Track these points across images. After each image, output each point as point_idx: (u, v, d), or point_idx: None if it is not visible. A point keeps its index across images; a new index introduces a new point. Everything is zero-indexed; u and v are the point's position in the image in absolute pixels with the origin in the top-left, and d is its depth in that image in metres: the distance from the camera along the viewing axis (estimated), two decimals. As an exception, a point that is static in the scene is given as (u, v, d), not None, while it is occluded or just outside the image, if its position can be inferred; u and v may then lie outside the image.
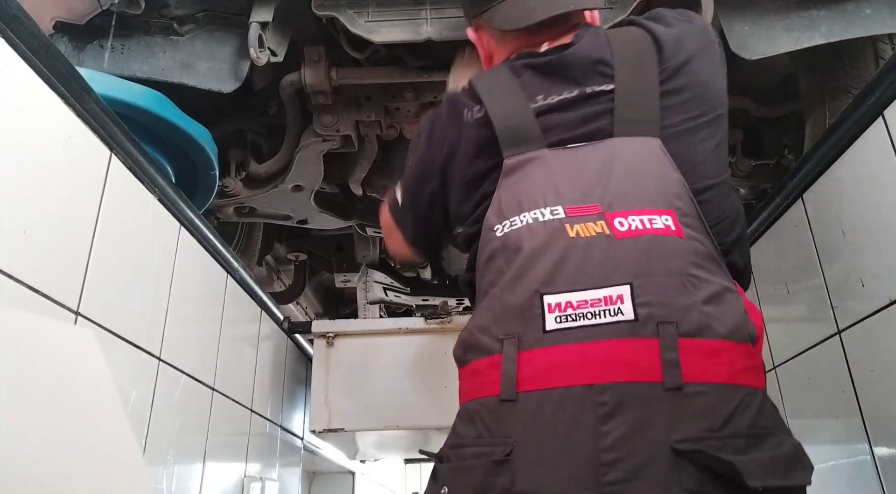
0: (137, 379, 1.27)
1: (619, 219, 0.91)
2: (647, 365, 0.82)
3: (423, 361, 2.25)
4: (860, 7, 1.51)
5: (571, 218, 0.92)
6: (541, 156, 0.99)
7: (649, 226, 0.90)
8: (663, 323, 0.83)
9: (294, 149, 1.92)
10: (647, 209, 0.92)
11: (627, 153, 0.97)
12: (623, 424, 0.80)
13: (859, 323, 1.31)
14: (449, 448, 0.94)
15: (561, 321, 0.86)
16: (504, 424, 0.86)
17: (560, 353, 0.85)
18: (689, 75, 1.03)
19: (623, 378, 0.82)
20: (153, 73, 1.60)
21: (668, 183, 0.94)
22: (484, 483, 0.83)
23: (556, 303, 0.87)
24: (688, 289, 0.87)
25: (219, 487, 1.68)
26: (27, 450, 0.81)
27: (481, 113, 1.05)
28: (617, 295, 0.85)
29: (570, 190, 0.95)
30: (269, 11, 1.54)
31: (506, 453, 0.83)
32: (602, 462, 0.78)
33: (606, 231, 0.90)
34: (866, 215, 1.28)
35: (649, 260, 0.88)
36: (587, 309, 0.86)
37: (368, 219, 2.35)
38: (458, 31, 1.49)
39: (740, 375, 0.84)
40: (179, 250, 1.47)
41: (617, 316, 0.84)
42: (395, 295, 2.82)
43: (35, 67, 0.98)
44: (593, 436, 0.80)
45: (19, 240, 0.93)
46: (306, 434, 2.61)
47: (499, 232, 0.97)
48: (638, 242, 0.89)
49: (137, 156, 1.26)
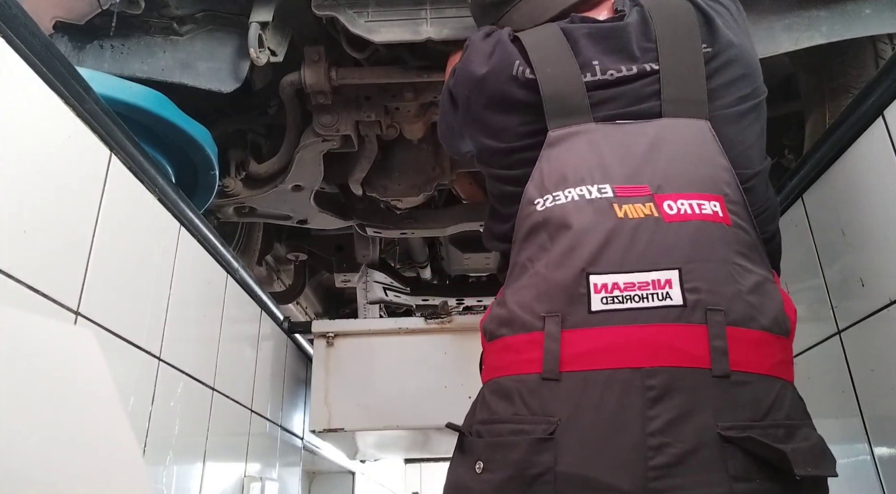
0: (137, 379, 1.27)
1: (669, 202, 0.90)
2: (695, 351, 0.81)
3: (423, 361, 2.24)
4: (860, 7, 1.51)
5: (620, 198, 0.90)
6: (587, 131, 0.96)
7: (698, 211, 0.89)
8: (712, 311, 0.83)
9: (294, 149, 1.92)
10: (696, 194, 0.90)
11: (676, 135, 0.95)
12: (671, 409, 0.79)
13: (859, 323, 1.31)
14: (481, 423, 0.91)
15: (607, 302, 0.85)
16: (546, 403, 0.84)
17: (606, 335, 0.84)
18: (736, 52, 1.00)
19: (672, 363, 0.81)
20: (153, 73, 1.60)
21: (717, 168, 0.93)
22: (525, 461, 0.81)
23: (602, 284, 0.86)
24: (734, 278, 0.86)
25: (219, 487, 1.68)
26: (27, 450, 0.81)
27: (531, 76, 1.01)
28: (665, 279, 0.85)
29: (618, 168, 0.93)
30: (269, 11, 1.54)
31: (549, 432, 0.81)
32: (649, 446, 0.78)
33: (655, 213, 0.89)
34: (866, 215, 1.28)
35: (698, 246, 0.87)
36: (634, 291, 0.85)
37: (368, 218, 2.35)
38: (458, 31, 1.49)
39: (777, 367, 0.85)
40: (179, 250, 1.47)
41: (665, 301, 0.84)
42: (395, 295, 2.82)
43: (35, 67, 0.98)
44: (641, 420, 0.79)
45: (19, 240, 0.93)
46: (306, 434, 2.61)
47: (539, 205, 0.94)
48: (687, 227, 0.88)
49: (137, 156, 1.26)
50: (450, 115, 1.19)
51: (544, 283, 0.90)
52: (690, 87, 0.97)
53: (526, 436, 0.82)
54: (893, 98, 1.18)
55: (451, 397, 2.13)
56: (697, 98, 0.97)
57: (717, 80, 0.98)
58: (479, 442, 0.88)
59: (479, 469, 0.84)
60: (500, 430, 0.87)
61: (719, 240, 0.88)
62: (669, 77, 0.98)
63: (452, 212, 2.36)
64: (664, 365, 0.81)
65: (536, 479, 0.80)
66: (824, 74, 1.76)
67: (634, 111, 0.97)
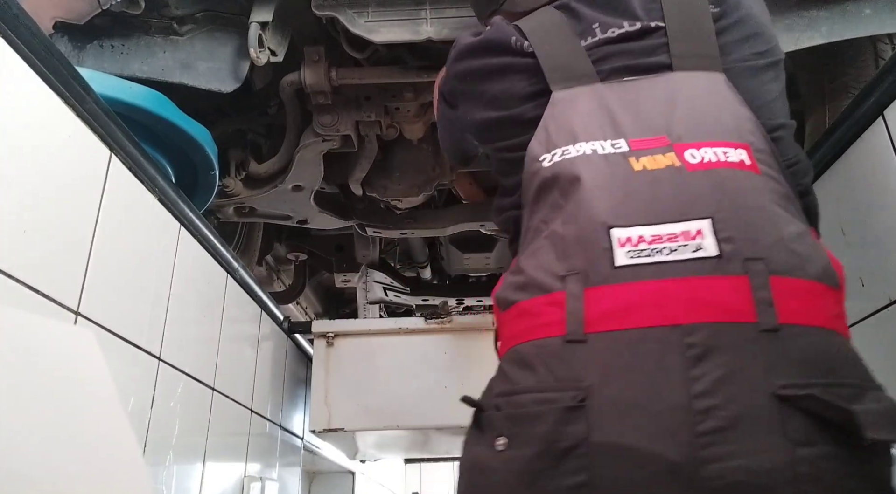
0: (137, 379, 1.27)
1: (691, 150, 0.83)
2: (737, 304, 0.74)
3: (423, 361, 2.24)
4: (860, 7, 1.51)
5: (636, 151, 0.84)
6: (593, 90, 0.91)
7: (724, 158, 0.83)
8: (751, 260, 0.76)
9: (294, 149, 1.92)
10: (720, 141, 0.84)
11: (691, 87, 0.90)
12: (717, 368, 0.71)
13: (859, 323, 1.31)
14: (499, 395, 0.82)
15: (633, 256, 0.78)
16: (573, 368, 0.76)
17: (635, 291, 0.77)
18: (745, 12, 0.97)
19: (712, 318, 0.74)
20: (153, 73, 1.60)
21: (739, 117, 0.87)
22: (554, 433, 0.73)
23: (626, 237, 0.79)
24: (774, 224, 0.80)
25: (219, 487, 1.68)
26: (27, 450, 0.81)
27: (530, 49, 0.98)
28: (696, 229, 0.78)
29: (630, 123, 0.87)
30: (268, 11, 1.54)
31: (579, 399, 0.73)
32: (696, 410, 0.70)
33: (677, 163, 0.82)
34: (866, 215, 1.28)
35: (727, 193, 0.80)
36: (663, 244, 0.78)
37: (368, 218, 2.36)
38: (458, 31, 1.49)
39: (834, 321, 0.77)
40: (179, 250, 1.47)
41: (698, 252, 0.77)
42: (395, 295, 2.82)
43: (35, 67, 0.98)
44: (683, 382, 0.71)
45: (19, 240, 0.93)
46: (306, 434, 2.61)
47: (546, 161, 0.88)
48: (713, 175, 0.82)
49: (137, 156, 1.26)
50: (447, 112, 1.19)
51: (562, 242, 0.83)
52: (700, 42, 0.93)
53: (553, 405, 0.75)
54: (893, 98, 1.18)
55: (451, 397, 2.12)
56: (708, 52, 0.92)
57: (728, 37, 0.95)
58: (498, 416, 0.80)
59: (502, 445, 0.77)
60: (523, 401, 0.79)
61: (750, 188, 0.82)
62: (676, 33, 0.94)
63: (452, 212, 2.37)
64: (704, 320, 0.74)
65: (568, 453, 0.72)
66: (824, 74, 1.76)
67: (642, 64, 0.93)
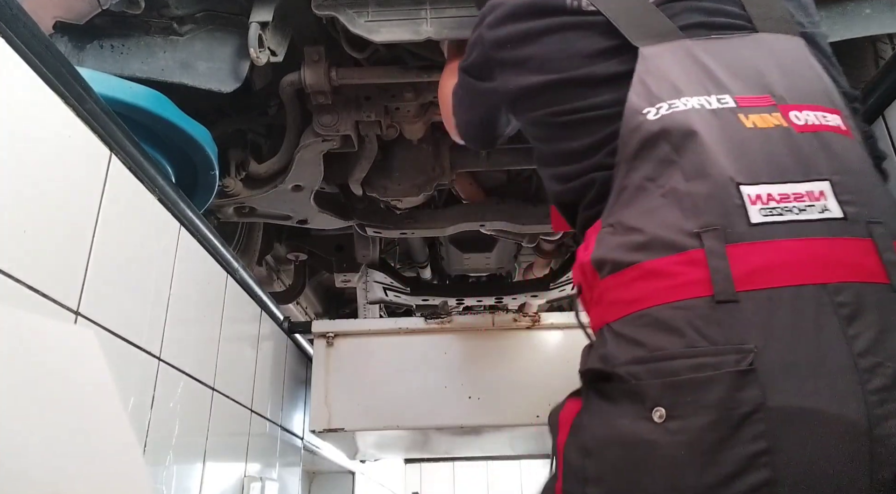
0: (137, 380, 1.27)
1: (794, 112, 0.82)
2: (871, 265, 0.74)
3: (423, 361, 2.24)
4: (860, 7, 1.51)
5: (744, 107, 0.82)
6: (683, 46, 0.87)
7: (825, 121, 0.82)
8: (873, 223, 0.75)
9: (294, 149, 1.92)
10: (817, 105, 0.83)
11: (780, 49, 0.88)
12: (871, 326, 0.70)
13: (859, 323, 1.31)
14: (632, 363, 0.76)
15: (766, 214, 0.75)
16: (730, 330, 0.72)
17: (778, 248, 0.74)
18: None
19: (854, 277, 0.73)
20: (153, 73, 1.60)
21: (826, 83, 0.87)
22: (730, 400, 0.69)
23: (756, 195, 0.76)
24: (882, 189, 0.80)
25: (219, 487, 1.68)
26: (27, 450, 0.81)
27: (591, 7, 0.93)
28: (819, 191, 0.76)
29: (731, 79, 0.84)
30: (269, 11, 1.54)
31: (748, 362, 0.69)
32: (862, 368, 0.68)
33: (784, 123, 0.81)
34: (866, 215, 1.28)
35: (837, 156, 0.80)
36: (791, 203, 0.76)
37: (368, 218, 2.35)
38: (458, 30, 1.49)
39: None
40: (179, 250, 1.47)
41: (825, 213, 0.75)
42: (395, 295, 2.82)
43: (35, 67, 0.98)
44: (844, 339, 0.69)
45: (19, 240, 0.93)
46: (306, 434, 2.61)
47: (652, 114, 0.83)
48: (821, 137, 0.81)
49: (137, 156, 1.26)
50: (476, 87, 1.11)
51: (689, 198, 0.78)
52: (771, 4, 0.93)
53: (720, 371, 0.70)
54: (893, 98, 1.18)
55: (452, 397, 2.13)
56: (783, 15, 0.91)
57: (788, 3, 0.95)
58: (652, 385, 0.73)
59: (660, 417, 0.71)
60: (677, 367, 0.73)
61: (854, 152, 0.82)
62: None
63: (452, 212, 2.36)
64: (847, 280, 0.72)
65: (745, 420, 0.68)
66: (824, 74, 1.77)
67: (722, 23, 0.90)
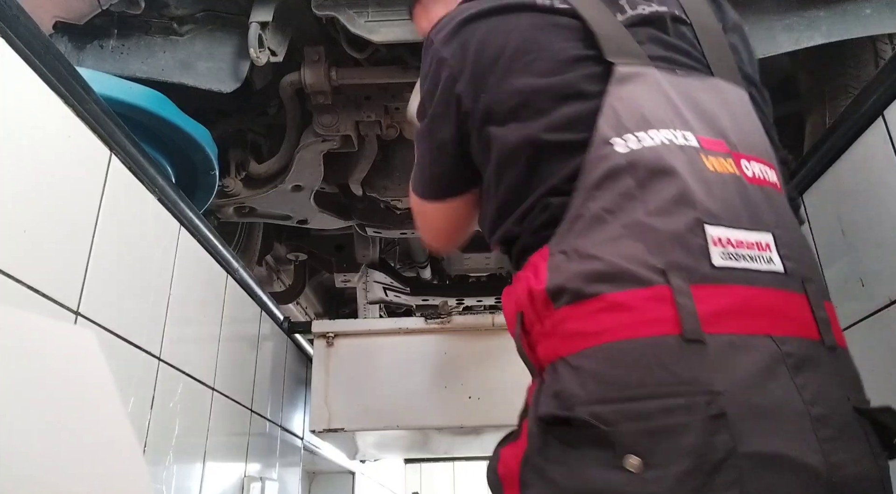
0: (137, 379, 1.27)
1: (745, 161, 0.83)
2: (807, 321, 0.76)
3: (423, 361, 2.24)
4: (860, 7, 1.51)
5: (705, 149, 0.82)
6: (651, 74, 0.86)
7: (766, 176, 0.84)
8: (806, 280, 0.78)
9: (294, 149, 1.92)
10: (760, 158, 0.85)
11: (731, 98, 0.89)
12: (812, 378, 0.71)
13: (859, 323, 1.31)
14: (598, 403, 0.70)
15: (725, 257, 0.75)
16: (699, 369, 0.69)
17: (735, 294, 0.74)
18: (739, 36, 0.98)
19: (795, 332, 0.74)
20: (153, 73, 1.60)
21: (766, 140, 0.89)
22: (703, 446, 0.65)
23: (718, 237, 0.76)
24: (809, 249, 0.84)
25: (219, 487, 1.68)
26: (27, 450, 0.81)
27: (564, 5, 0.91)
28: (766, 242, 0.78)
29: (693, 118, 0.84)
30: (269, 11, 1.54)
31: (719, 406, 0.66)
32: (813, 417, 0.69)
33: (737, 172, 0.82)
34: (866, 215, 1.28)
35: (777, 210, 0.82)
36: (744, 250, 0.76)
37: (368, 218, 2.36)
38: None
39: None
40: (179, 250, 1.47)
41: (770, 265, 0.77)
42: (395, 295, 2.82)
43: (35, 67, 0.98)
44: (795, 389, 0.70)
45: (19, 240, 0.93)
46: (306, 434, 2.61)
47: (620, 147, 0.81)
48: (764, 190, 0.82)
49: (137, 156, 1.26)
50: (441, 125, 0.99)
51: (652, 233, 0.76)
52: (723, 53, 0.93)
53: (692, 415, 0.66)
54: (893, 98, 1.18)
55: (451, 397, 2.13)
56: (731, 65, 0.93)
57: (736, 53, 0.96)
58: (625, 431, 0.68)
59: (636, 466, 0.66)
60: (649, 410, 0.68)
61: (786, 209, 0.84)
62: (703, 34, 0.93)
63: (452, 212, 2.36)
64: (790, 334, 0.73)
65: (719, 467, 0.65)
66: (824, 74, 1.77)
67: (683, 62, 0.90)
